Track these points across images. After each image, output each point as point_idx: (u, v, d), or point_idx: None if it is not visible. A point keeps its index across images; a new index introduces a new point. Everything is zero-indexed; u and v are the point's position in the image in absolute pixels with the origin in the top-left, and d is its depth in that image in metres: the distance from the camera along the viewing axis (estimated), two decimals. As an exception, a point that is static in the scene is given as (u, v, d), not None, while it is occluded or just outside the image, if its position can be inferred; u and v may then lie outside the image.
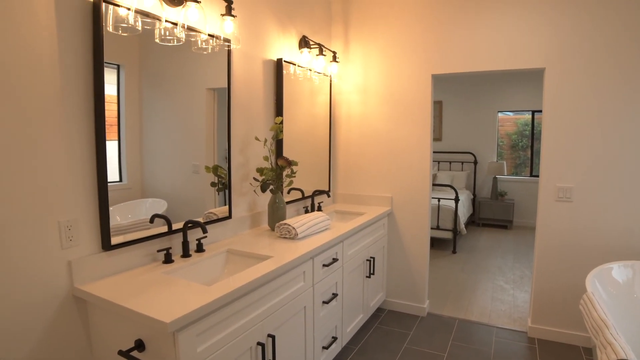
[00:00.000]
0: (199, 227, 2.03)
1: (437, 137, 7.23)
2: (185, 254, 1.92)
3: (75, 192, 1.54)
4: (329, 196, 3.10)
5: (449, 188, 5.94)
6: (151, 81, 1.83)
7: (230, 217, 2.31)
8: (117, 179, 1.71)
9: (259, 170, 2.45)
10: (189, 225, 1.93)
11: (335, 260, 2.37)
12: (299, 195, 2.98)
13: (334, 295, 2.40)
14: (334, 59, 3.21)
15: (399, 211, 3.33)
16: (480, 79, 6.82)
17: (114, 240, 1.66)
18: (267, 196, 2.65)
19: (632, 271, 2.24)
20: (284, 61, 2.71)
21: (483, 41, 2.91)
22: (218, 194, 2.28)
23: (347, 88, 3.45)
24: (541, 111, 2.82)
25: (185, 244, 1.92)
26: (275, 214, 2.48)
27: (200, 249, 2.01)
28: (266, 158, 2.52)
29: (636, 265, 2.26)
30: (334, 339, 2.46)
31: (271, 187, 2.50)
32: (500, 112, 6.90)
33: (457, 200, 5.08)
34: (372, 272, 2.97)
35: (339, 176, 3.57)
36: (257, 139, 2.52)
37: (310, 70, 3.01)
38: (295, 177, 2.68)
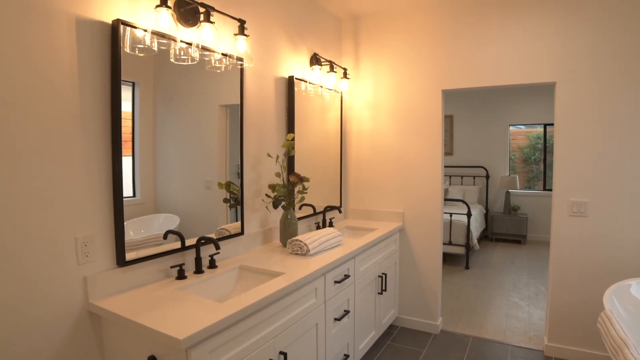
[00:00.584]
0: (211, 243, 2.04)
1: (448, 152, 7.20)
2: (198, 270, 1.93)
3: (92, 208, 1.57)
4: (340, 212, 3.10)
5: (461, 203, 5.90)
6: (165, 98, 1.87)
7: (242, 233, 2.33)
8: (131, 194, 1.73)
9: (271, 186, 2.47)
10: (202, 242, 1.95)
11: (347, 276, 2.36)
12: (311, 211, 2.99)
13: (346, 312, 2.38)
14: (345, 75, 3.25)
15: (411, 227, 3.31)
16: (490, 93, 6.82)
17: (128, 256, 1.68)
18: (279, 212, 2.66)
19: (651, 288, 2.19)
20: (296, 78, 2.75)
21: (493, 56, 2.92)
22: (230, 210, 2.29)
23: (358, 104, 3.48)
24: (553, 124, 2.80)
25: (198, 260, 1.93)
26: (287, 230, 2.49)
27: (212, 265, 2.02)
28: (278, 174, 2.54)
29: (655, 282, 2.21)
30: (346, 356, 2.43)
31: (283, 203, 2.51)
32: (512, 125, 6.87)
33: (469, 215, 5.03)
34: (384, 288, 2.95)
35: (350, 191, 3.58)
36: (269, 155, 2.54)
37: (321, 87, 3.04)
38: (306, 193, 2.69)
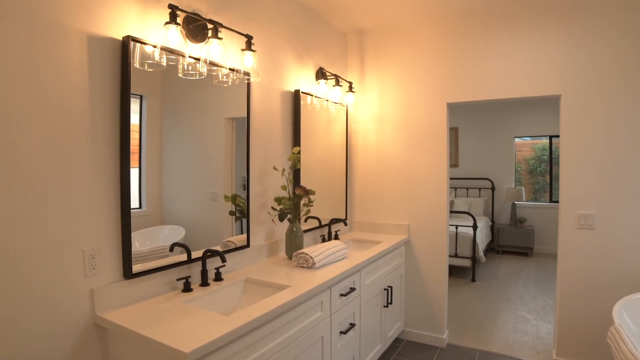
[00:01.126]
0: (217, 256, 2.05)
1: (454, 164, 7.20)
2: (204, 282, 1.94)
3: (100, 220, 1.58)
4: (346, 224, 3.10)
5: (466, 215, 5.86)
6: (172, 110, 1.90)
7: (248, 245, 2.33)
8: (137, 205, 1.75)
9: (277, 199, 2.48)
10: (208, 254, 1.96)
11: (352, 289, 2.35)
12: (316, 223, 2.99)
13: (352, 325, 2.37)
14: (350, 89, 3.27)
15: (416, 239, 3.30)
16: (495, 105, 6.83)
17: (135, 269, 1.69)
18: (285, 225, 2.66)
19: (661, 302, 2.16)
20: (302, 92, 2.78)
21: (498, 69, 2.93)
22: (235, 222, 2.30)
23: (363, 117, 3.50)
24: (559, 136, 2.80)
25: (204, 273, 1.94)
26: (293, 243, 2.49)
27: (218, 277, 2.02)
28: (284, 187, 2.56)
29: (665, 296, 2.18)
30: (352, 370, 2.41)
31: (289, 216, 2.52)
32: (517, 137, 6.86)
33: (475, 227, 5.01)
34: (389, 301, 2.93)
35: (356, 204, 3.58)
36: (275, 168, 2.56)
37: (327, 100, 3.07)
38: (312, 205, 2.70)
